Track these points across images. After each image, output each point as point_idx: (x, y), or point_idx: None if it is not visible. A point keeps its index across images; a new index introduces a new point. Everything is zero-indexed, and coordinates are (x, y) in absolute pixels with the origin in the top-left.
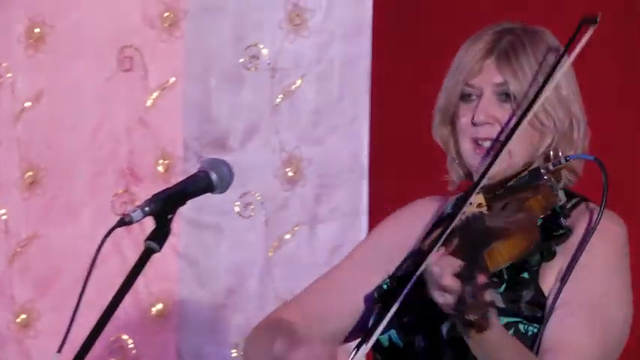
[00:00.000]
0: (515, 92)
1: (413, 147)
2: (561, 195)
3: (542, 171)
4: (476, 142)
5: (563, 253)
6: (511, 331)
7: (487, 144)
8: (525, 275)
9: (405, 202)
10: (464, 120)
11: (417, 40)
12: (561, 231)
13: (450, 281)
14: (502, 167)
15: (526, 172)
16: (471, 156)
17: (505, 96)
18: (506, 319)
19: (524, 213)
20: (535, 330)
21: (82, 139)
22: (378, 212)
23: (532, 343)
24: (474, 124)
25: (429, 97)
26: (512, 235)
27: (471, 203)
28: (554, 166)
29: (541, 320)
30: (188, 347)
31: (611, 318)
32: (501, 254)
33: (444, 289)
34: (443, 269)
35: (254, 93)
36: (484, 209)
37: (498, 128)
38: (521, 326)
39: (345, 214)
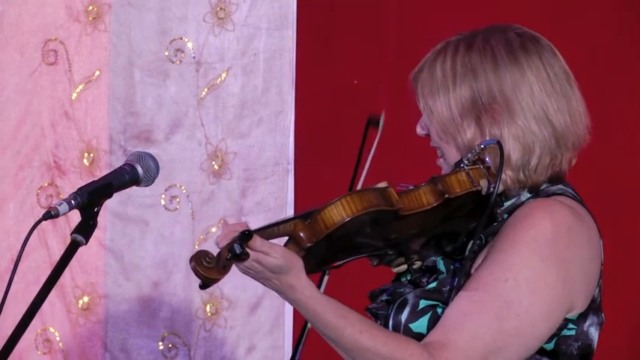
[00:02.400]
0: (425, 107)
1: (338, 140)
2: (483, 183)
3: (464, 160)
4: None
5: (495, 237)
6: (428, 314)
7: (437, 161)
8: (457, 264)
9: (330, 194)
10: None
11: (341, 33)
12: (494, 222)
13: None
14: (445, 170)
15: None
16: None
17: (426, 109)
18: (425, 303)
19: (392, 192)
20: None
21: (7, 132)
22: (303, 205)
23: None
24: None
25: (353, 90)
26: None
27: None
28: (472, 155)
29: None
30: (114, 340)
31: (509, 302)
32: (324, 215)
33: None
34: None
35: (179, 86)
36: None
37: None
38: (439, 310)
39: (271, 207)
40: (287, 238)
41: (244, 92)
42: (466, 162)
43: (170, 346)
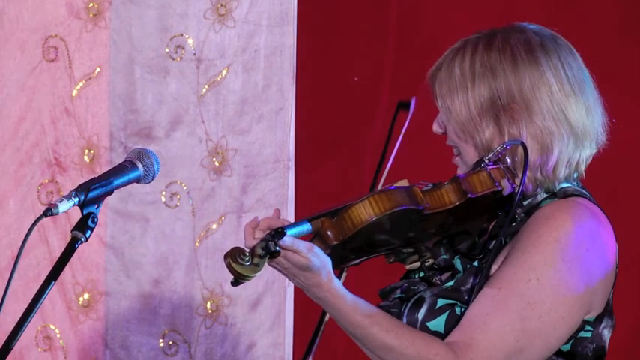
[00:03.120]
0: (443, 106)
1: (338, 137)
2: (504, 183)
3: (485, 160)
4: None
5: (515, 237)
6: (446, 313)
7: (452, 160)
8: (475, 264)
9: (330, 192)
10: None
11: (342, 30)
12: (513, 222)
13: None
14: (461, 169)
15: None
16: None
17: (444, 108)
18: (443, 301)
19: (418, 192)
20: None
21: (7, 129)
22: (304, 202)
23: None
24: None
25: (354, 87)
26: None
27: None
28: (494, 156)
29: None
30: (115, 337)
31: (532, 303)
32: (352, 215)
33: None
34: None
35: (179, 83)
36: None
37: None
38: (457, 309)
39: (271, 204)
40: (313, 234)
41: (245, 89)
42: (487, 162)
43: (171, 343)
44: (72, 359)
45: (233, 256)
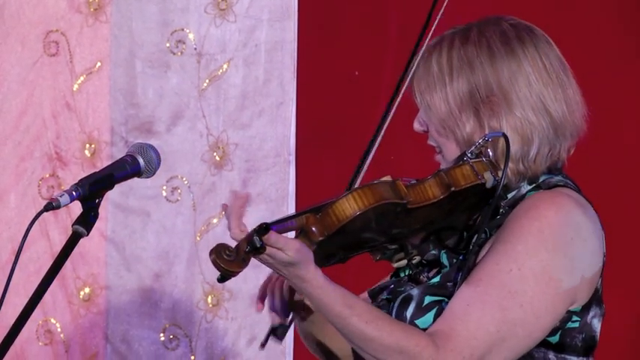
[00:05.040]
0: (423, 103)
1: (339, 131)
2: (488, 177)
3: (467, 154)
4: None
5: (499, 229)
6: (434, 310)
7: (435, 157)
8: (461, 257)
9: (331, 186)
10: None
11: (343, 24)
12: (497, 215)
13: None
14: (444, 166)
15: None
16: None
17: (424, 105)
18: (431, 299)
19: (401, 185)
20: None
21: (8, 123)
22: (305, 196)
23: None
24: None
25: (355, 82)
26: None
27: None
28: (476, 148)
29: None
30: (115, 331)
31: (514, 292)
32: (336, 210)
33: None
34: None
35: (180, 77)
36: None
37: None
38: (444, 305)
39: (272, 199)
40: (298, 231)
41: (245, 83)
42: (469, 155)
43: (171, 337)
44: (73, 353)
45: (218, 252)
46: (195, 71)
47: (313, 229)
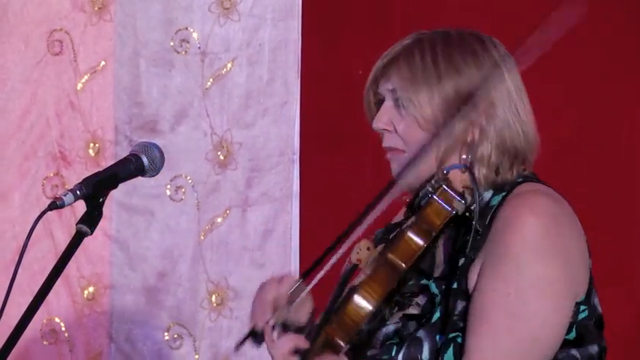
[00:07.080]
0: (403, 100)
1: (343, 130)
2: (457, 204)
3: (429, 189)
4: (386, 150)
5: (484, 250)
6: (450, 348)
7: (390, 155)
8: (454, 286)
9: (334, 185)
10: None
11: (347, 24)
12: (477, 235)
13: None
14: (410, 179)
15: (426, 185)
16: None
17: (401, 102)
18: (443, 338)
19: (392, 257)
20: None
21: (12, 122)
22: (309, 196)
23: None
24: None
25: (359, 81)
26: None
27: (359, 250)
28: (435, 182)
29: None
30: (120, 330)
31: (518, 314)
32: (346, 319)
33: None
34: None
35: (184, 77)
36: (369, 254)
37: (397, 136)
38: (459, 339)
39: (276, 198)
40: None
41: (249, 83)
42: (431, 189)
43: (175, 336)
44: (77, 353)
45: None
46: (199, 70)
47: (337, 339)
